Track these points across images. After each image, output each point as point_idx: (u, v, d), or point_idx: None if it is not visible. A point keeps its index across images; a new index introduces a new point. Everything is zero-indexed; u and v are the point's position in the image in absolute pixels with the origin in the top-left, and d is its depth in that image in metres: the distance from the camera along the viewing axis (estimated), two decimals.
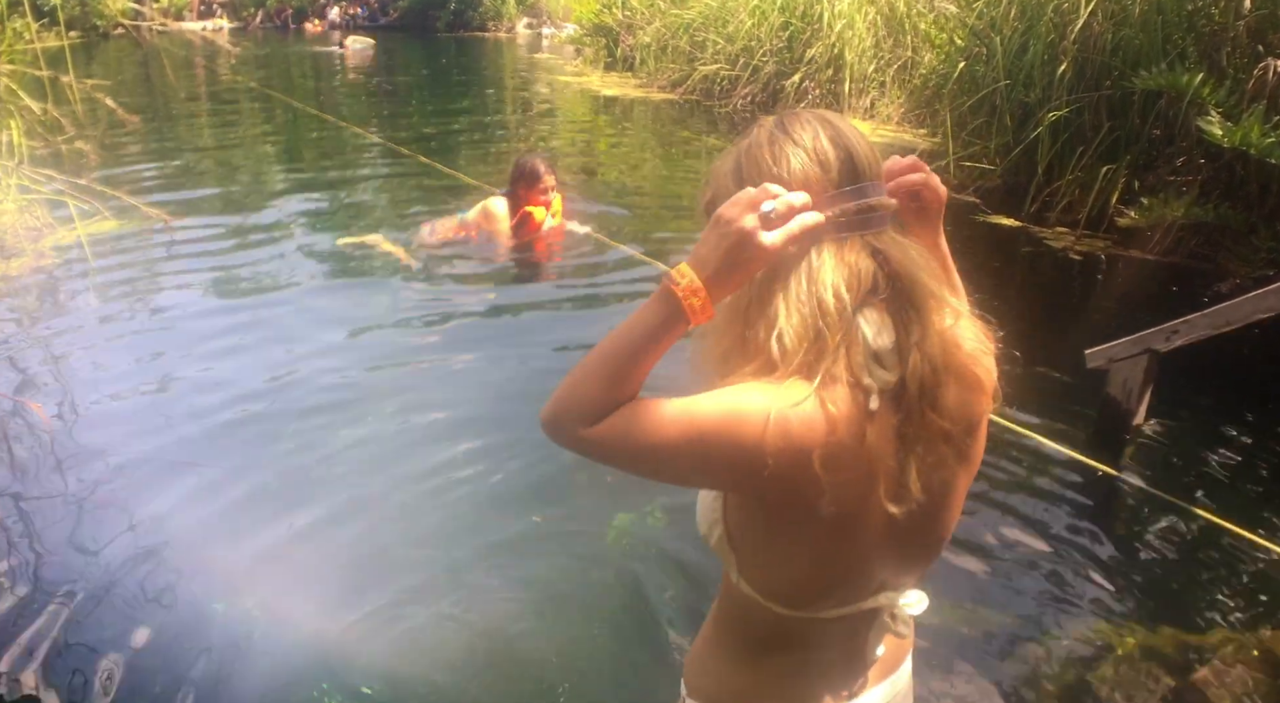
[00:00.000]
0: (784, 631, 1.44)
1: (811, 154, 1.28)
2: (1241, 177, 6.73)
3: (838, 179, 1.28)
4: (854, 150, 1.29)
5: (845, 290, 1.24)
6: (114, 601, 3.18)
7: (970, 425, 1.38)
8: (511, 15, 37.95)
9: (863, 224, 1.28)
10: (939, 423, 1.29)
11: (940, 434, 1.31)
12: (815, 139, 1.29)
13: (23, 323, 5.54)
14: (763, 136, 1.33)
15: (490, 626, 3.14)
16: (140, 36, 11.43)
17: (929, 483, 1.32)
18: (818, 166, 1.28)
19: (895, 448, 1.28)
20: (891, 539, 1.35)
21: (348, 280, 6.35)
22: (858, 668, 1.53)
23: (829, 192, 1.27)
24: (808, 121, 1.31)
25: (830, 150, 1.28)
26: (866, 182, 1.29)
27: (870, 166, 1.31)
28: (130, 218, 7.29)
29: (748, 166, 1.32)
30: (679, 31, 16.92)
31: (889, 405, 1.27)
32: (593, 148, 12.62)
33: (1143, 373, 4.26)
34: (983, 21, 9.39)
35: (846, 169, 1.28)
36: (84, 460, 4.06)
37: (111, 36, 26.69)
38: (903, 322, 1.28)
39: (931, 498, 1.34)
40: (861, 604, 1.43)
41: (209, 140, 12.60)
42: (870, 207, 1.29)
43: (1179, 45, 7.50)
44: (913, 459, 1.29)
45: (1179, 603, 3.41)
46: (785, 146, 1.29)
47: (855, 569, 1.38)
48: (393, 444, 4.26)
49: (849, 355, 1.25)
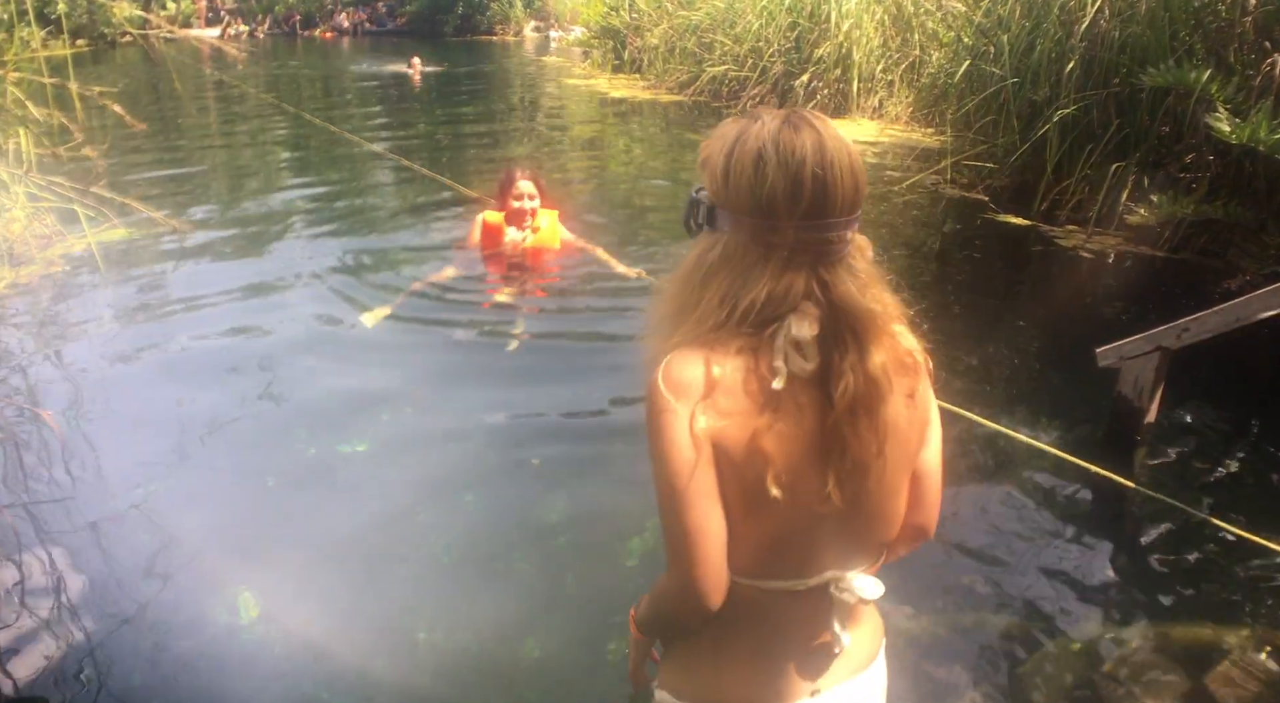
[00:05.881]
0: (737, 602, 1.50)
1: (791, 183, 1.35)
2: (1250, 173, 6.69)
3: (805, 211, 1.36)
4: (831, 187, 1.36)
5: (767, 301, 1.38)
6: (122, 606, 3.19)
7: (912, 430, 1.53)
8: (519, 19, 38.03)
9: (815, 255, 1.39)
10: (871, 437, 1.42)
11: (873, 447, 1.43)
12: (801, 168, 1.35)
13: (33, 330, 5.56)
14: (756, 146, 1.38)
15: (493, 633, 3.14)
16: (148, 46, 11.48)
17: (860, 486, 1.45)
18: (790, 197, 1.35)
19: (815, 451, 1.41)
20: (831, 525, 1.47)
21: (355, 289, 6.35)
22: (822, 659, 1.58)
23: (793, 220, 1.36)
24: (803, 146, 1.36)
25: (809, 183, 1.35)
26: (831, 219, 1.37)
27: (842, 204, 1.38)
28: (140, 225, 7.32)
29: (736, 175, 1.39)
30: (686, 33, 16.93)
31: (812, 412, 1.41)
32: (602, 150, 12.64)
33: (1154, 371, 4.24)
34: (990, 20, 9.37)
35: (817, 204, 1.36)
36: (93, 467, 4.08)
37: (119, 44, 26.80)
38: (838, 344, 1.39)
39: (868, 496, 1.47)
40: (808, 580, 1.51)
41: (218, 147, 12.66)
42: (827, 240, 1.38)
43: (1186, 42, 7.47)
44: (832, 467, 1.42)
45: (1191, 604, 3.39)
46: (769, 168, 1.36)
47: (796, 546, 1.48)
48: (400, 450, 4.27)
49: (755, 339, 1.40)
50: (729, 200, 1.40)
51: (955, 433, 4.44)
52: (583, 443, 4.32)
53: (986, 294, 6.46)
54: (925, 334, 1.60)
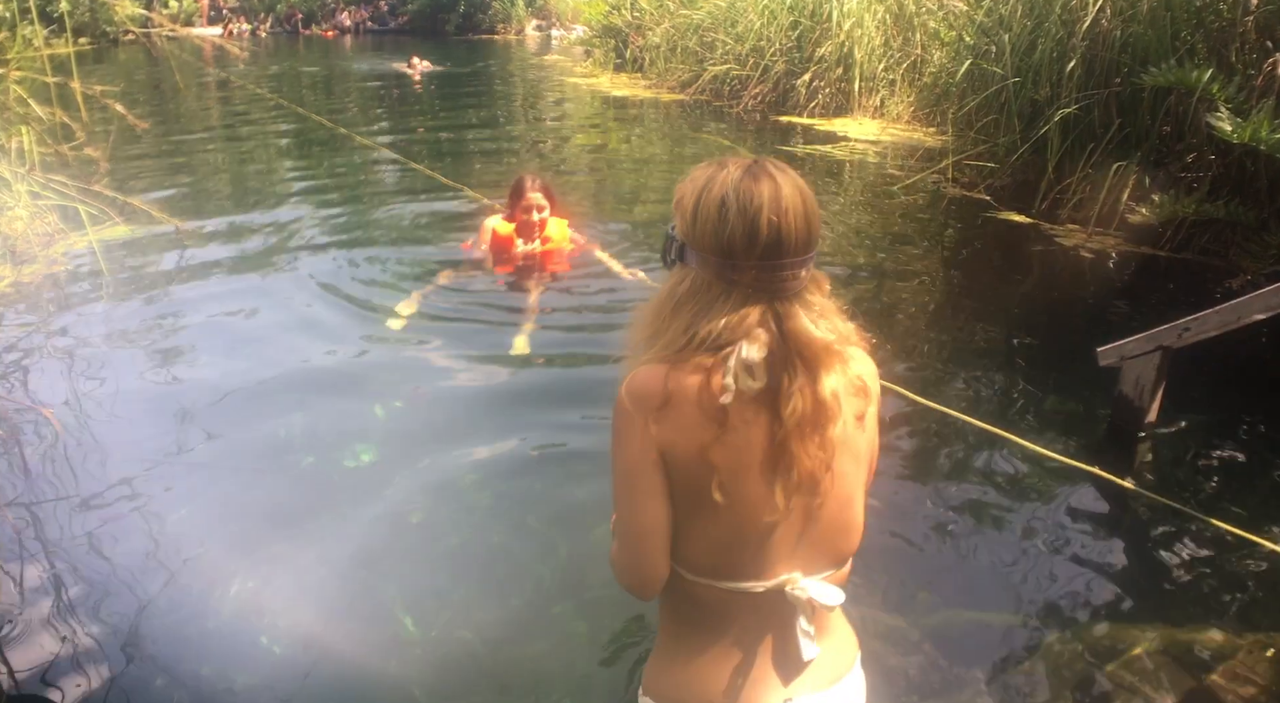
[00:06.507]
0: (701, 602, 1.67)
1: (748, 228, 1.52)
2: (1252, 172, 6.69)
3: (761, 252, 1.53)
4: (785, 233, 1.53)
5: (724, 329, 1.55)
6: (123, 604, 3.20)
7: (862, 449, 1.69)
8: (521, 18, 38.02)
9: (771, 291, 1.56)
10: (820, 454, 1.58)
11: (822, 463, 1.59)
12: (758, 215, 1.52)
13: (35, 328, 5.57)
14: (720, 193, 1.56)
15: (493, 632, 3.14)
16: (151, 44, 11.49)
17: (811, 499, 1.61)
18: (748, 240, 1.53)
19: (763, 464, 1.57)
20: (785, 532, 1.62)
21: (358, 288, 6.35)
22: (792, 667, 1.69)
23: (751, 260, 1.54)
24: (761, 195, 1.53)
25: (764, 229, 1.52)
26: (785, 259, 1.54)
27: (795, 246, 1.55)
28: (141, 223, 7.32)
29: (702, 219, 1.57)
30: (688, 32, 16.91)
31: (761, 429, 1.56)
32: (602, 149, 12.64)
33: (1155, 370, 4.24)
34: (991, 19, 9.36)
35: (772, 247, 1.53)
36: (95, 465, 4.08)
37: (122, 43, 26.79)
38: (788, 369, 1.56)
39: (821, 508, 1.63)
40: (765, 582, 1.64)
41: (220, 146, 12.66)
42: (781, 278, 1.55)
43: (1188, 41, 7.47)
44: (779, 479, 1.57)
45: (1191, 605, 3.40)
46: (731, 214, 1.53)
47: (749, 549, 1.62)
48: (401, 450, 4.28)
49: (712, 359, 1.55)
50: (696, 240, 1.58)
51: (954, 434, 4.45)
52: (586, 446, 4.31)
53: (987, 293, 6.45)
54: (924, 334, 1.63)
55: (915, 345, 5.51)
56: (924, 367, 5.19)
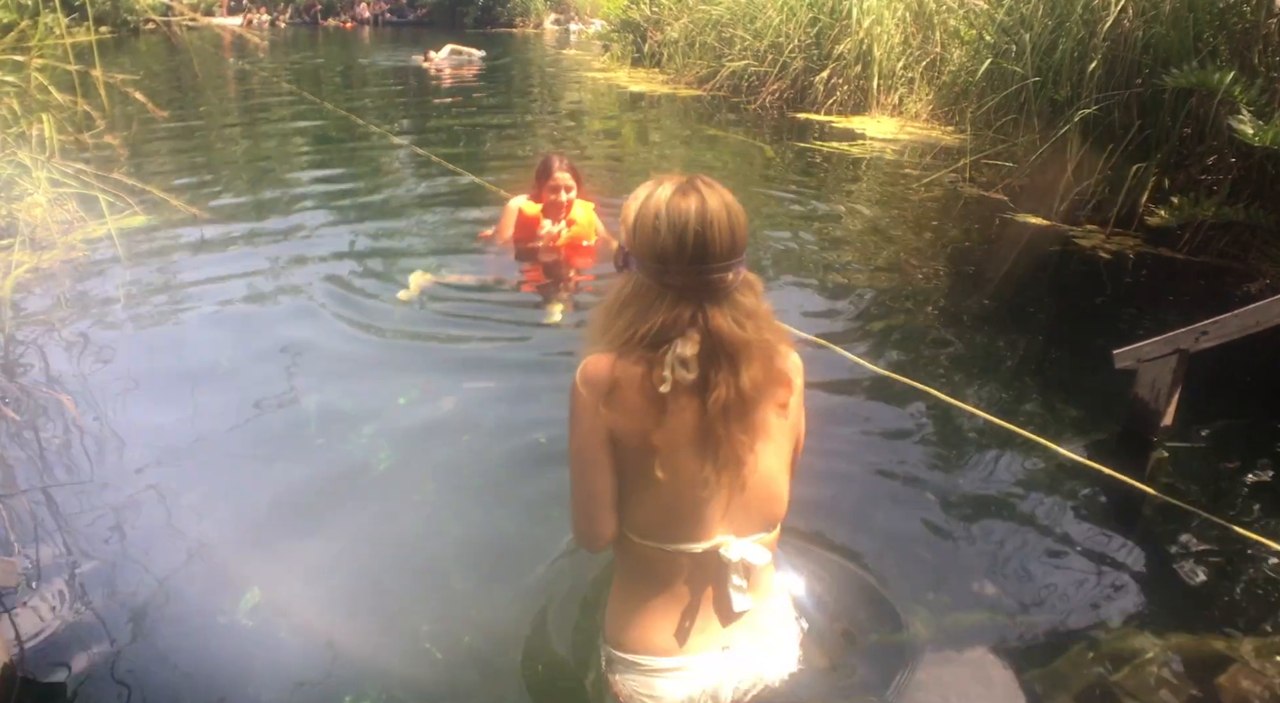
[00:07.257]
0: (648, 561, 1.97)
1: (676, 236, 1.77)
2: (1273, 176, 6.65)
3: (689, 256, 1.78)
4: (709, 243, 1.77)
5: (660, 328, 1.81)
6: (137, 595, 3.21)
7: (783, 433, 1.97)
8: (539, 11, 38.05)
9: (701, 293, 1.81)
10: (742, 437, 1.87)
11: (744, 444, 1.87)
12: (685, 228, 1.76)
13: (53, 316, 5.60)
14: (654, 209, 1.80)
15: (502, 632, 3.13)
16: (171, 33, 11.52)
17: (737, 474, 1.89)
18: (677, 250, 1.78)
19: (695, 444, 1.86)
20: (718, 502, 1.92)
21: (376, 279, 6.36)
22: (726, 616, 2.02)
23: (680, 266, 1.79)
24: (688, 210, 1.77)
25: (690, 237, 1.76)
26: (711, 265, 1.78)
27: (720, 254, 1.78)
28: (160, 212, 7.35)
29: (640, 231, 1.83)
30: (706, 27, 16.91)
31: (693, 413, 1.84)
32: (619, 143, 12.63)
33: (1171, 374, 4.22)
34: (1012, 18, 9.33)
35: (698, 251, 1.77)
36: (112, 453, 4.11)
37: (143, 32, 26.90)
38: (714, 363, 1.81)
39: (746, 482, 1.91)
40: (702, 543, 1.95)
41: (240, 135, 12.70)
42: (709, 282, 1.80)
43: (1210, 43, 7.43)
44: (709, 457, 1.85)
45: (1206, 610, 3.38)
46: (663, 225, 1.78)
47: (688, 516, 1.92)
48: (416, 446, 4.27)
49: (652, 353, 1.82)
50: (636, 249, 1.84)
51: (968, 432, 4.44)
52: None
53: (1003, 294, 6.42)
54: (939, 332, 1.64)
55: (929, 343, 5.48)
56: (937, 364, 5.17)
